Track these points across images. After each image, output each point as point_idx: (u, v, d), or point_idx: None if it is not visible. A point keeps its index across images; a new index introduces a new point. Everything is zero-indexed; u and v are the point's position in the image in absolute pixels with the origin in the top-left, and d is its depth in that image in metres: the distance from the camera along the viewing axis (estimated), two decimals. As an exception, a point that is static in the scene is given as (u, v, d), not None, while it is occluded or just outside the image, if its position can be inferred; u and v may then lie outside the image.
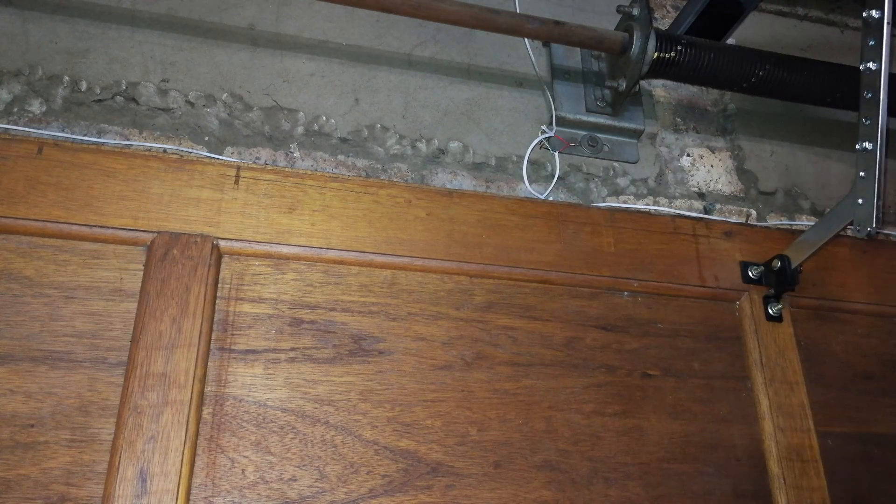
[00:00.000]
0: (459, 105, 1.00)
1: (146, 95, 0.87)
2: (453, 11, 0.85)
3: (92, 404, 0.67)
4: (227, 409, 0.70)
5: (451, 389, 0.77)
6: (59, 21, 0.88)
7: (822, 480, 0.83)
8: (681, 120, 1.10)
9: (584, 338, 0.84)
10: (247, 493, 0.68)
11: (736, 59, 0.93)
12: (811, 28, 1.30)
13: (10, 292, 0.69)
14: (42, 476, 0.64)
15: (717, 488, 0.81)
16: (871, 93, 0.67)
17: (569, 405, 0.80)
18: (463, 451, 0.75)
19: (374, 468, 0.71)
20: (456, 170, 0.95)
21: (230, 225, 0.77)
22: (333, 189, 0.83)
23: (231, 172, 0.80)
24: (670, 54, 0.90)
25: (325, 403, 0.73)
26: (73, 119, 0.84)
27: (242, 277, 0.76)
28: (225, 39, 0.94)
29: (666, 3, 1.20)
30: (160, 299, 0.71)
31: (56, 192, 0.74)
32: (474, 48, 1.04)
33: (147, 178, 0.77)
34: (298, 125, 0.91)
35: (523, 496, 0.74)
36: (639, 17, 0.91)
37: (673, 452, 0.81)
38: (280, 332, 0.75)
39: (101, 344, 0.70)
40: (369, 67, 0.98)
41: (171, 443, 0.66)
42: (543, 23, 0.88)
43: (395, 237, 0.82)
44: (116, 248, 0.74)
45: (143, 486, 0.64)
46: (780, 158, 1.12)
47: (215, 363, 0.72)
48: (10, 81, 0.83)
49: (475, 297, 0.83)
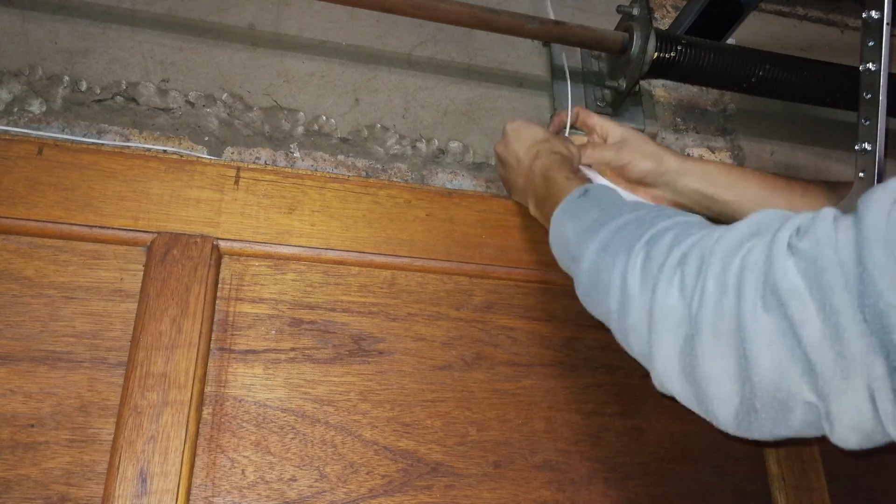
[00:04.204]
0: (459, 105, 1.00)
1: (146, 95, 0.87)
2: (453, 11, 0.85)
3: (92, 404, 0.67)
4: (227, 410, 0.70)
5: (451, 389, 0.77)
6: (59, 21, 0.88)
7: (821, 480, 0.83)
8: (681, 120, 1.10)
9: (584, 338, 0.84)
10: (247, 494, 0.68)
11: (736, 59, 0.93)
12: (811, 28, 1.30)
13: (10, 292, 0.70)
14: (42, 476, 0.64)
15: (717, 488, 0.81)
16: (870, 93, 0.67)
17: (569, 405, 0.80)
18: (463, 451, 0.75)
19: (373, 468, 0.72)
20: (456, 170, 0.95)
21: (230, 225, 0.77)
22: (333, 189, 0.83)
23: (231, 173, 0.80)
24: (670, 54, 0.90)
25: (325, 403, 0.73)
26: (73, 119, 0.84)
27: (242, 278, 0.76)
28: (225, 39, 0.94)
29: (666, 3, 1.20)
30: (160, 300, 0.71)
31: (56, 193, 0.74)
32: (474, 48, 1.04)
33: (147, 179, 0.77)
34: (298, 125, 0.91)
35: (523, 496, 0.74)
36: (639, 17, 0.91)
37: (673, 452, 0.81)
38: (280, 332, 0.75)
39: (101, 344, 0.70)
40: (369, 67, 0.98)
41: (171, 443, 0.66)
42: (543, 23, 0.88)
43: (395, 237, 0.82)
44: (116, 248, 0.74)
45: (143, 486, 0.64)
46: (780, 158, 1.12)
47: (215, 363, 0.72)
48: (10, 81, 0.83)
49: (475, 297, 0.83)
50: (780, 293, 0.42)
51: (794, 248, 0.42)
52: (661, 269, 0.50)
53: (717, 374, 0.46)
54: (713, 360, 0.46)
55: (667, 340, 0.49)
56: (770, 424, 0.45)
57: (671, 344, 0.49)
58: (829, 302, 0.39)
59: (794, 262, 0.42)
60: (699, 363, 0.46)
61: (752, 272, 0.44)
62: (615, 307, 0.54)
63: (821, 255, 0.41)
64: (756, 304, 0.43)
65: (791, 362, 0.41)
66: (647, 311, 0.50)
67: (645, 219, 0.56)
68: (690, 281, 0.48)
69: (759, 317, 0.42)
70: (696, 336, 0.46)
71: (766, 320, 0.42)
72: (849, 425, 0.41)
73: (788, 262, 0.42)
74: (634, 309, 0.52)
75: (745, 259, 0.45)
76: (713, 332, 0.45)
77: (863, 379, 0.38)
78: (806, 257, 0.41)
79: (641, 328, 0.51)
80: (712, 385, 0.46)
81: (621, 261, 0.54)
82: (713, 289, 0.46)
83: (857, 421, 0.40)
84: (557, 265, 0.68)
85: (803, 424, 0.43)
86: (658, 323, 0.49)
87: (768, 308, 0.42)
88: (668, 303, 0.48)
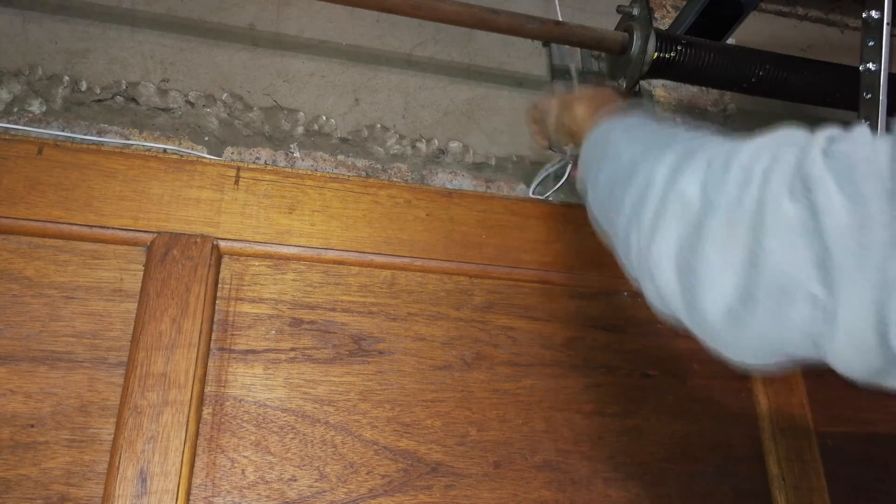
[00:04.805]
0: (459, 105, 1.00)
1: (146, 95, 0.87)
2: (453, 11, 0.85)
3: (92, 404, 0.67)
4: (227, 409, 0.70)
5: (451, 389, 0.77)
6: (59, 21, 0.88)
7: (821, 480, 0.83)
8: (681, 120, 1.10)
9: (584, 338, 0.84)
10: (247, 494, 0.68)
11: (736, 59, 0.93)
12: (811, 28, 1.30)
13: (10, 292, 0.70)
14: (42, 476, 0.64)
15: (717, 488, 0.81)
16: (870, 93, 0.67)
17: (569, 405, 0.80)
18: (463, 451, 0.75)
19: (373, 468, 0.72)
20: (456, 170, 0.95)
21: (230, 225, 0.77)
22: (333, 189, 0.83)
23: (231, 173, 0.80)
24: (670, 54, 0.90)
25: (325, 403, 0.73)
26: (73, 119, 0.84)
27: (242, 278, 0.76)
28: (225, 39, 0.94)
29: (666, 3, 1.20)
30: (160, 299, 0.71)
31: (56, 193, 0.74)
32: (474, 48, 1.04)
33: (147, 179, 0.77)
34: (298, 125, 0.91)
35: (523, 496, 0.74)
36: (639, 17, 0.91)
37: (673, 452, 0.81)
38: (280, 332, 0.75)
39: (101, 344, 0.70)
40: (369, 67, 0.98)
41: (171, 443, 0.66)
42: (543, 23, 0.88)
43: (395, 237, 0.82)
44: (116, 248, 0.74)
45: (143, 486, 0.64)
46: (780, 158, 1.12)
47: (215, 363, 0.72)
48: (10, 81, 0.83)
49: (475, 297, 0.83)
50: (809, 182, 0.41)
51: (828, 150, 0.42)
52: (689, 164, 0.49)
53: (719, 263, 0.44)
54: (719, 247, 0.44)
55: (672, 226, 0.48)
56: (765, 320, 0.43)
57: (675, 230, 0.48)
58: (857, 193, 0.39)
59: (827, 160, 0.41)
60: (702, 249, 0.45)
61: (782, 165, 0.43)
62: (632, 198, 0.53)
63: (855, 153, 0.40)
64: (781, 192, 0.42)
65: (806, 250, 0.40)
66: (663, 200, 0.49)
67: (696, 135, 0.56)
68: (715, 174, 0.47)
69: (782, 204, 0.42)
70: (706, 221, 0.45)
71: (790, 208, 0.41)
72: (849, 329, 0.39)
73: (821, 157, 0.42)
74: (652, 198, 0.51)
75: (777, 154, 0.44)
76: (727, 217, 0.44)
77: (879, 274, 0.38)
78: (840, 155, 0.41)
79: (648, 216, 0.50)
80: (710, 274, 0.45)
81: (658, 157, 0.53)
82: (737, 177, 0.45)
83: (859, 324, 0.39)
84: (557, 265, 0.68)
85: (802, 323, 0.42)
86: (669, 208, 0.48)
87: (794, 198, 0.41)
88: (688, 192, 0.48)
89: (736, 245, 0.44)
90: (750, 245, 0.43)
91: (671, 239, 0.48)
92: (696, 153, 0.51)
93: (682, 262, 0.47)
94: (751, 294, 0.43)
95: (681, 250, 0.47)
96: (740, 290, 0.44)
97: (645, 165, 0.54)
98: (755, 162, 0.45)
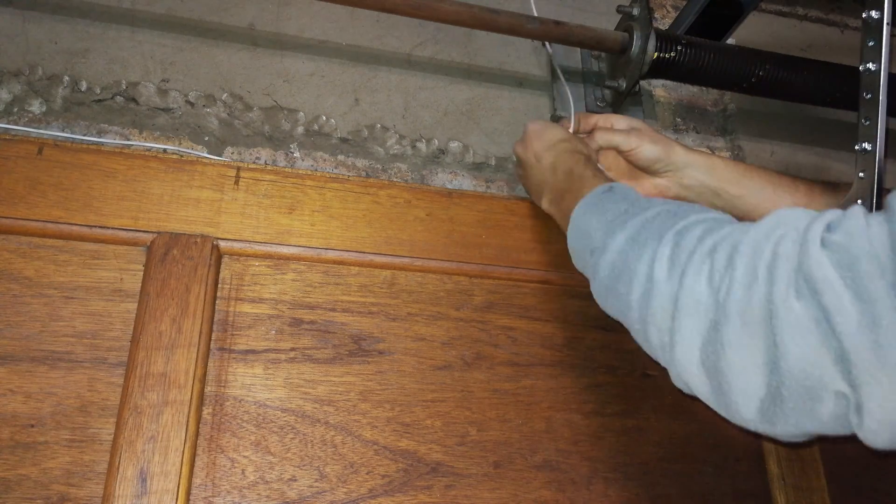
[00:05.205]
0: (459, 105, 1.00)
1: (146, 95, 0.87)
2: (453, 11, 0.85)
3: (92, 404, 0.67)
4: (227, 410, 0.70)
5: (451, 389, 0.77)
6: (59, 21, 0.88)
7: (821, 480, 0.83)
8: (681, 120, 1.10)
9: (584, 338, 0.84)
10: (247, 494, 0.68)
11: (736, 59, 0.93)
12: (811, 28, 1.30)
13: (10, 292, 0.70)
14: (42, 476, 0.64)
15: (717, 488, 0.81)
16: (870, 94, 0.67)
17: (569, 405, 0.80)
18: (463, 451, 0.75)
19: (373, 468, 0.72)
20: (456, 170, 0.95)
21: (230, 225, 0.77)
22: (333, 189, 0.83)
23: (231, 173, 0.80)
24: (670, 54, 0.90)
25: (325, 403, 0.73)
26: (73, 119, 0.84)
27: (242, 278, 0.76)
28: (225, 39, 0.94)
29: (666, 3, 1.20)
30: (160, 299, 0.71)
31: (56, 193, 0.74)
32: (474, 48, 1.04)
33: (147, 179, 0.77)
34: (298, 125, 0.91)
35: (523, 496, 0.74)
36: (639, 17, 0.91)
37: (673, 452, 0.81)
38: (280, 332, 0.75)
39: (101, 344, 0.70)
40: (369, 67, 0.98)
41: (171, 443, 0.66)
42: (543, 23, 0.88)
43: (395, 237, 0.82)
44: (116, 248, 0.74)
45: (143, 486, 0.64)
46: (781, 158, 1.12)
47: (215, 363, 0.72)
48: (10, 81, 0.83)
49: (475, 297, 0.83)
50: (813, 281, 0.42)
51: (827, 241, 0.43)
52: (691, 258, 0.49)
53: (742, 363, 0.45)
54: (739, 350, 0.45)
55: (690, 329, 0.48)
56: (796, 416, 0.44)
57: (694, 333, 0.48)
58: (865, 291, 0.39)
59: (827, 254, 0.42)
60: (724, 352, 0.46)
61: (783, 261, 0.44)
62: (637, 297, 0.53)
63: (854, 245, 0.41)
64: (788, 292, 0.43)
65: (824, 350, 0.41)
66: (672, 300, 0.49)
67: (676, 212, 0.56)
68: (720, 270, 0.47)
69: (791, 304, 0.42)
70: (722, 324, 0.46)
71: (799, 308, 0.42)
72: (879, 418, 0.40)
73: (821, 252, 0.42)
74: (658, 297, 0.51)
75: (777, 249, 0.45)
76: (741, 320, 0.45)
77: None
78: (839, 249, 0.42)
79: (664, 317, 0.50)
80: (736, 376, 0.46)
81: (650, 249, 0.53)
82: (743, 277, 0.45)
83: (888, 413, 0.40)
84: (557, 265, 0.68)
85: (831, 417, 0.43)
86: (683, 311, 0.48)
87: (801, 296, 0.42)
88: (696, 290, 0.48)
89: (756, 345, 0.44)
90: (768, 345, 0.44)
91: (694, 344, 0.48)
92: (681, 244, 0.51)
93: (710, 365, 0.48)
94: (779, 394, 0.44)
95: (705, 355, 0.48)
96: (769, 390, 0.45)
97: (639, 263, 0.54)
98: (758, 258, 0.46)
